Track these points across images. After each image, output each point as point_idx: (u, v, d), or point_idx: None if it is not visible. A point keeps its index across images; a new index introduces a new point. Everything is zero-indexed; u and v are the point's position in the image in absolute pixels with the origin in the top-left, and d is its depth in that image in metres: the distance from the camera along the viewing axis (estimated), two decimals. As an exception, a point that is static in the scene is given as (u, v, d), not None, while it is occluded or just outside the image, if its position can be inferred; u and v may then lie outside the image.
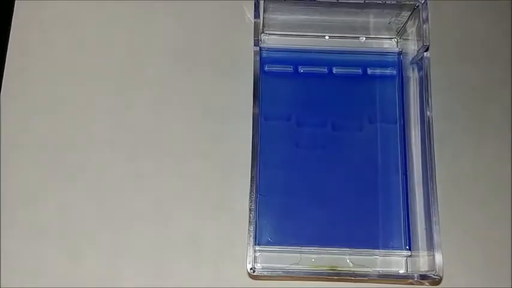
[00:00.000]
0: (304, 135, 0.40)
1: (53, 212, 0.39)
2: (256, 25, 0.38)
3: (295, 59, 0.42)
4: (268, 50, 0.41)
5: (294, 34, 0.42)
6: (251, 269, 0.34)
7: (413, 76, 0.40)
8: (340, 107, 0.41)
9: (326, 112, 0.41)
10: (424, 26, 0.38)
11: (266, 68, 0.41)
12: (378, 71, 0.41)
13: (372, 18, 0.40)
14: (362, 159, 0.40)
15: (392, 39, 0.42)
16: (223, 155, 0.40)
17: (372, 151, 0.40)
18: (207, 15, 0.43)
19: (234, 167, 0.40)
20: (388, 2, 0.38)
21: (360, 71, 0.41)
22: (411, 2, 0.38)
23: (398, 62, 0.41)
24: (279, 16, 0.39)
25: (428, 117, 0.37)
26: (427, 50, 0.37)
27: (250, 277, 0.37)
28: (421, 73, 0.38)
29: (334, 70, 0.41)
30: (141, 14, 0.43)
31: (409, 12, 0.39)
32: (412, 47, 0.40)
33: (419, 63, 0.38)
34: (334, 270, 0.36)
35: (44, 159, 0.40)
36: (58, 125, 0.41)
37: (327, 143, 0.40)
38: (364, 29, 0.41)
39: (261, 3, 0.38)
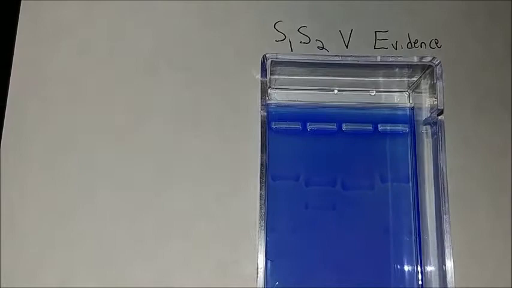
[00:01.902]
0: (314, 195, 0.39)
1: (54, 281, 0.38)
2: (263, 84, 0.37)
3: (303, 115, 0.40)
4: (276, 106, 0.40)
5: (302, 88, 0.41)
6: None
7: (426, 134, 0.39)
8: (350, 165, 0.40)
9: (336, 171, 0.39)
10: (438, 86, 0.36)
11: (273, 126, 0.40)
12: (388, 128, 0.40)
13: (382, 78, 0.38)
14: (373, 219, 0.39)
15: (404, 93, 0.41)
16: (230, 218, 0.39)
17: (384, 211, 0.39)
18: (213, 71, 0.42)
19: (241, 231, 0.39)
20: (400, 62, 0.37)
21: (370, 127, 0.40)
22: (424, 62, 0.37)
23: (410, 117, 0.40)
24: (286, 76, 0.38)
25: (443, 175, 0.36)
26: (441, 113, 0.36)
27: None
28: (435, 137, 0.36)
29: (344, 127, 0.40)
30: (145, 71, 0.42)
31: (422, 72, 0.37)
32: (425, 102, 0.39)
33: (433, 126, 0.36)
34: None
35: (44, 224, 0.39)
36: (57, 190, 0.39)
37: (337, 203, 0.39)
38: (375, 84, 0.40)
39: (268, 64, 0.37)
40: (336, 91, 0.41)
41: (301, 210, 0.39)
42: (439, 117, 0.36)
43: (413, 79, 0.38)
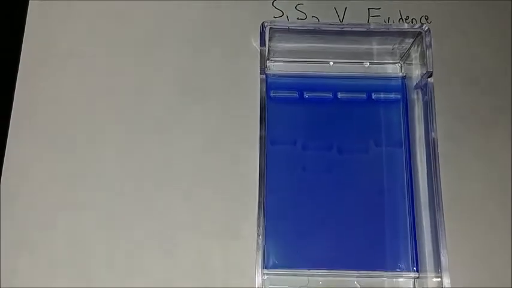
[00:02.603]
0: (310, 159, 0.41)
1: (63, 237, 0.39)
2: (262, 53, 0.39)
3: (300, 84, 0.42)
4: (274, 76, 0.42)
5: (299, 60, 0.43)
6: (260, 289, 0.34)
7: (417, 100, 0.41)
8: (346, 131, 0.41)
9: (331, 136, 0.41)
10: (428, 52, 0.38)
11: (272, 94, 0.42)
12: (382, 96, 0.42)
13: (375, 45, 0.40)
14: (368, 182, 0.41)
15: (396, 64, 0.43)
16: (231, 181, 0.41)
17: (378, 174, 0.41)
18: (213, 41, 0.44)
19: (242, 192, 0.40)
20: (392, 29, 0.39)
21: (364, 95, 0.42)
22: (414, 29, 0.39)
23: (402, 86, 0.42)
24: (284, 44, 0.40)
25: (434, 139, 0.37)
26: (430, 76, 0.38)
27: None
28: (425, 98, 0.38)
29: (339, 95, 0.42)
30: (147, 41, 0.44)
31: (412, 39, 0.39)
32: (415, 72, 0.41)
33: (424, 88, 0.38)
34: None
35: (54, 189, 0.40)
36: (68, 153, 0.41)
37: (333, 166, 0.41)
38: (368, 55, 0.42)
39: (267, 32, 0.39)
40: (331, 63, 0.43)
41: (299, 172, 0.40)
42: (429, 79, 0.38)
43: (403, 45, 0.40)
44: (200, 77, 0.43)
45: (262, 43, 0.39)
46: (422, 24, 0.39)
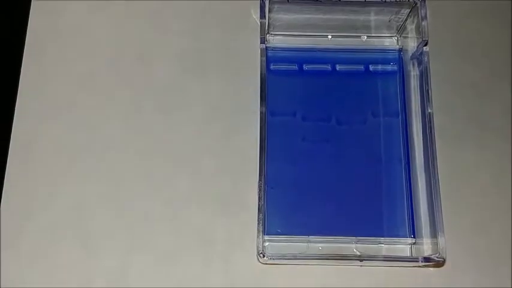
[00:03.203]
0: (310, 129, 0.42)
1: (67, 211, 0.40)
2: (262, 25, 0.40)
3: (300, 57, 0.43)
4: (274, 49, 0.43)
5: (298, 34, 0.44)
6: (260, 253, 0.35)
7: (413, 71, 0.41)
8: (344, 102, 0.42)
9: (330, 107, 0.42)
10: (423, 22, 0.39)
11: (272, 67, 0.43)
12: (379, 68, 0.43)
13: (372, 17, 0.42)
14: (366, 151, 0.42)
15: (393, 37, 0.44)
16: (232, 151, 0.42)
17: (375, 143, 0.42)
18: (213, 15, 0.45)
19: (244, 162, 0.41)
20: (388, 0, 0.40)
21: (362, 67, 0.43)
22: (410, 0, 0.40)
23: (399, 58, 0.43)
24: (283, 16, 0.41)
25: (429, 112, 0.38)
26: (426, 44, 0.39)
27: (260, 263, 0.39)
28: (421, 67, 0.39)
29: (338, 67, 0.43)
30: (147, 16, 0.45)
31: (408, 10, 0.40)
32: (411, 44, 0.42)
33: (419, 57, 0.39)
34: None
35: (57, 160, 0.41)
36: (70, 127, 0.42)
37: (332, 137, 0.42)
38: (366, 28, 0.43)
39: (266, 3, 0.40)
40: (329, 36, 0.44)
41: (298, 142, 0.41)
42: (424, 48, 0.39)
43: (400, 18, 0.41)
44: (201, 51, 0.44)
45: (262, 15, 0.40)
46: (418, -6, 0.39)
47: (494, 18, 0.45)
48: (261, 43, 0.40)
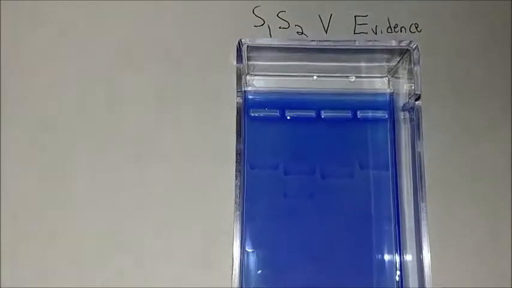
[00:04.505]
0: (292, 184, 0.39)
1: (29, 272, 0.37)
2: (238, 70, 0.37)
3: (282, 101, 0.40)
4: (253, 93, 0.40)
5: (280, 75, 0.40)
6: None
7: (404, 120, 0.38)
8: (330, 153, 0.39)
9: (314, 159, 0.39)
10: (416, 71, 0.36)
11: (251, 113, 0.39)
12: (368, 114, 0.39)
13: (361, 63, 0.38)
14: (353, 208, 0.39)
15: (384, 78, 0.40)
16: (206, 208, 0.39)
17: (363, 199, 0.38)
18: (190, 57, 0.41)
19: (219, 220, 0.38)
20: (378, 47, 0.36)
21: (349, 114, 0.39)
22: (402, 46, 0.36)
23: (389, 103, 0.40)
24: (263, 62, 0.38)
25: (421, 165, 0.35)
26: (418, 99, 0.35)
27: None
28: (412, 123, 0.36)
29: (323, 114, 0.39)
30: (122, 57, 0.41)
31: (400, 57, 0.37)
32: (404, 87, 0.38)
33: (411, 112, 0.36)
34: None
35: (16, 216, 0.38)
36: (30, 178, 0.39)
37: (316, 192, 0.39)
38: (354, 69, 0.40)
39: (244, 49, 0.36)
40: (315, 77, 0.40)
41: (280, 199, 0.38)
42: (416, 102, 0.35)
43: (392, 64, 0.38)
44: (176, 93, 0.40)
45: (240, 60, 0.36)
46: (410, 41, 0.36)
47: (492, 56, 0.41)
48: (237, 95, 0.36)
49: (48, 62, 0.41)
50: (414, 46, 0.35)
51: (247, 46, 0.36)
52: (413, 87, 0.36)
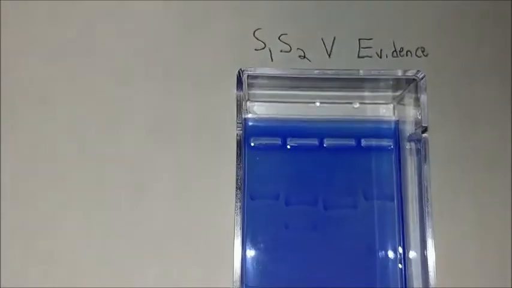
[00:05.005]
0: (294, 215, 0.37)
1: None
2: (239, 100, 0.35)
3: (283, 129, 0.39)
4: (254, 120, 0.38)
5: (282, 101, 0.39)
6: None
7: (410, 150, 0.37)
8: (333, 183, 0.38)
9: (317, 189, 0.38)
10: (422, 101, 0.35)
11: (251, 142, 0.38)
12: (373, 143, 0.38)
13: (366, 92, 0.37)
14: (356, 240, 0.37)
15: (389, 105, 0.39)
16: (205, 239, 0.37)
17: (368, 231, 0.37)
18: (189, 82, 0.40)
19: (218, 253, 0.37)
20: (383, 76, 0.35)
21: (353, 142, 0.38)
22: (408, 76, 0.35)
23: (394, 131, 0.38)
24: (264, 91, 0.36)
25: (427, 199, 0.34)
26: (425, 131, 0.34)
27: None
28: (419, 155, 0.35)
29: (326, 142, 0.38)
30: (119, 82, 0.40)
31: (406, 86, 0.36)
32: (410, 115, 0.37)
33: (417, 144, 0.35)
34: None
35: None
36: (21, 210, 0.38)
37: (319, 223, 0.37)
38: (358, 96, 0.38)
39: (244, 79, 0.35)
40: (317, 103, 0.39)
41: (281, 230, 0.37)
42: (423, 134, 0.34)
43: (397, 93, 0.36)
44: (174, 119, 0.39)
45: (240, 88, 0.35)
46: (418, 71, 0.34)
47: (495, 82, 0.40)
48: (237, 122, 0.35)
49: (42, 86, 0.40)
50: (421, 76, 0.34)
51: (248, 75, 0.35)
52: (419, 116, 0.35)
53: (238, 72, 0.35)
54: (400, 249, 0.37)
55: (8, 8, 0.41)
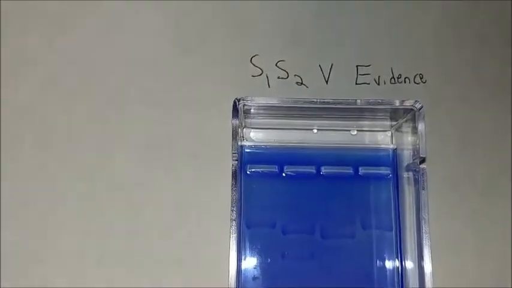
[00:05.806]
0: (291, 244, 0.37)
1: None
2: (234, 129, 0.35)
3: (280, 156, 0.38)
4: (250, 147, 0.38)
5: (279, 128, 0.39)
6: None
7: (408, 179, 0.37)
8: (330, 211, 0.38)
9: (314, 217, 0.37)
10: (420, 131, 0.34)
11: (248, 170, 0.38)
12: (370, 171, 0.38)
13: (364, 120, 0.36)
14: (355, 270, 0.37)
15: (387, 133, 0.39)
16: (201, 265, 0.37)
17: (366, 261, 0.37)
18: (186, 108, 0.39)
19: (213, 282, 0.36)
20: (381, 106, 0.34)
21: (351, 170, 0.38)
22: (405, 106, 0.35)
23: (392, 159, 0.38)
24: (261, 119, 0.36)
25: (426, 233, 0.34)
26: (422, 162, 0.34)
27: None
28: (417, 186, 0.34)
29: (323, 170, 0.38)
30: (115, 106, 0.39)
31: (405, 115, 0.35)
32: (407, 142, 0.37)
33: (415, 174, 0.34)
34: None
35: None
36: (18, 233, 0.37)
37: (316, 252, 0.37)
38: (356, 124, 0.38)
39: (240, 108, 0.35)
40: (315, 130, 0.39)
41: (278, 259, 0.37)
42: (421, 165, 0.34)
43: (395, 122, 0.36)
44: (171, 144, 0.39)
45: (235, 115, 0.35)
46: (416, 101, 0.34)
47: (495, 108, 0.40)
48: (233, 152, 0.35)
49: (37, 106, 0.39)
50: (419, 106, 0.34)
51: (245, 105, 0.34)
52: (418, 146, 0.34)
53: (234, 101, 0.35)
54: (398, 280, 0.36)
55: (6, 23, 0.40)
